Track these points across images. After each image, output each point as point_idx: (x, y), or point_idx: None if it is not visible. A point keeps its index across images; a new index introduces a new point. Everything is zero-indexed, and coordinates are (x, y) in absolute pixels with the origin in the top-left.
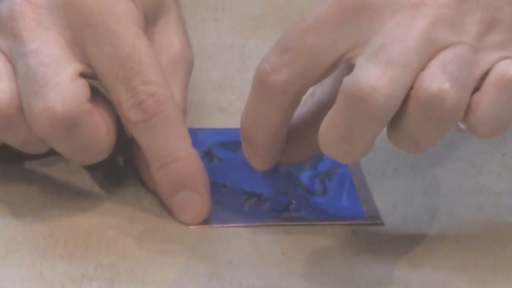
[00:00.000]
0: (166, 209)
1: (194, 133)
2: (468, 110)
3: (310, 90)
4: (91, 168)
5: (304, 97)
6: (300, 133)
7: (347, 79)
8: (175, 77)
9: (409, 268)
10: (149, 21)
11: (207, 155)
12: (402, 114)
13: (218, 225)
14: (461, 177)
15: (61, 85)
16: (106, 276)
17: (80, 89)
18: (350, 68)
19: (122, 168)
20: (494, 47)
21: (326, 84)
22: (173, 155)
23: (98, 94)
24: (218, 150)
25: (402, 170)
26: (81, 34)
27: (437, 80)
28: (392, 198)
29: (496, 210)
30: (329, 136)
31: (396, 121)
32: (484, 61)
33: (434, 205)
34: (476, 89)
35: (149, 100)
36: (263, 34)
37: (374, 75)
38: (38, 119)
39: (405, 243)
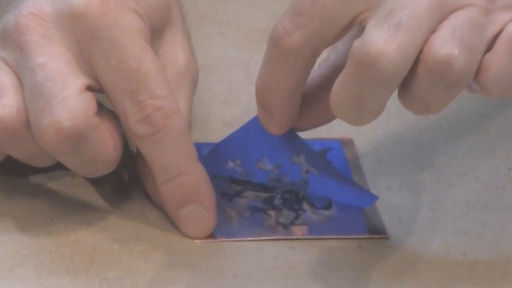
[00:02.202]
0: (171, 223)
1: (199, 148)
2: (479, 71)
3: (325, 55)
4: (97, 182)
5: (319, 61)
6: (314, 97)
7: (356, 43)
8: (181, 91)
9: (415, 282)
10: (155, 34)
11: None
12: (411, 78)
13: (224, 239)
14: (466, 192)
15: (68, 100)
16: None
17: (87, 103)
18: (363, 30)
19: (127, 182)
20: (506, 8)
21: (340, 47)
22: (179, 169)
23: (105, 108)
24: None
25: (407, 185)
26: (87, 48)
27: (446, 45)
28: (397, 212)
29: (501, 224)
30: (340, 99)
31: (406, 84)
32: (496, 23)
33: (439, 220)
34: (488, 49)
35: (155, 114)
36: None
37: (382, 40)
38: (45, 134)
39: (410, 257)
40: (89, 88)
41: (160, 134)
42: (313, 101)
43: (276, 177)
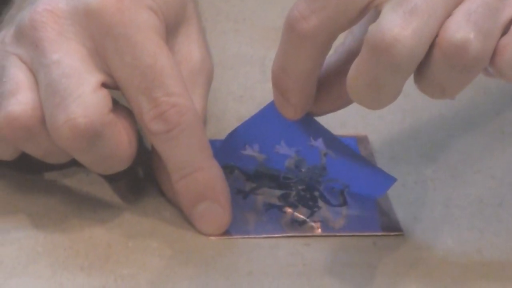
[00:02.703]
0: (186, 220)
1: (214, 144)
2: (495, 54)
3: (341, 39)
4: (112, 179)
5: (335, 46)
6: (331, 82)
7: (371, 28)
8: (196, 87)
9: (429, 280)
10: (170, 31)
11: (228, 167)
12: (427, 62)
13: (239, 236)
14: (481, 189)
15: (83, 97)
16: (126, 287)
17: (102, 100)
18: (378, 14)
19: (142, 179)
20: None
21: (356, 32)
22: (194, 166)
23: (120, 105)
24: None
25: (422, 182)
26: (102, 45)
27: (461, 30)
28: (412, 209)
29: None
30: (356, 83)
31: (421, 68)
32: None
33: (454, 217)
34: (504, 33)
35: (170, 111)
36: None
37: (397, 26)
38: (61, 131)
39: (425, 255)
40: (104, 85)
41: (175, 131)
42: (329, 85)
43: (295, 162)
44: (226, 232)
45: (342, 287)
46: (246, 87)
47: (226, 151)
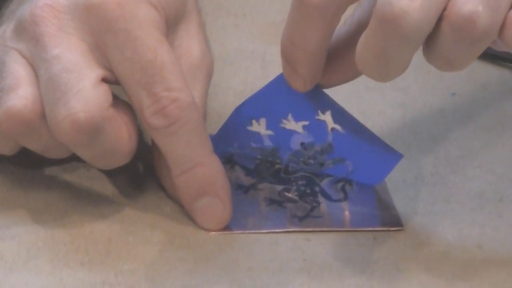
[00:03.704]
0: (187, 215)
1: (214, 139)
2: (503, 27)
3: (350, 11)
4: (112, 175)
5: (344, 18)
6: (340, 54)
7: (380, 0)
8: (196, 83)
9: (430, 275)
10: (170, 26)
11: (228, 161)
12: (435, 35)
13: (239, 232)
14: (482, 184)
15: (84, 92)
16: (127, 282)
17: (102, 95)
18: None
19: (142, 175)
20: None
21: (365, 3)
22: (195, 161)
23: (120, 100)
24: (239, 157)
25: (422, 177)
26: (103, 40)
27: (470, 2)
28: (413, 205)
29: None
30: (364, 56)
31: (430, 41)
32: None
33: (454, 212)
34: None
35: (171, 106)
36: None
37: None
38: (61, 126)
39: (425, 250)
40: (105, 80)
41: (175, 126)
42: (338, 57)
43: (302, 139)
44: (227, 227)
45: (342, 282)
46: (247, 82)
47: (232, 128)
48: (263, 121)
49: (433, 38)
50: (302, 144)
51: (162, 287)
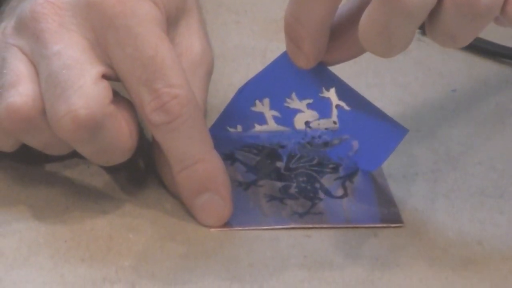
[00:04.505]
0: (187, 211)
1: (218, 122)
2: (506, 3)
3: None
4: (113, 171)
5: None
6: (343, 30)
7: None
8: (196, 79)
9: (431, 271)
10: (171, 23)
11: (229, 158)
12: (438, 11)
13: (240, 228)
14: (483, 181)
15: (84, 88)
16: (127, 279)
17: (103, 91)
18: None
19: (143, 171)
20: None
21: None
22: (195, 158)
23: (121, 96)
24: (240, 154)
25: (423, 174)
26: (103, 36)
27: None
28: (413, 201)
29: None
30: (367, 31)
31: (432, 17)
32: None
33: (455, 208)
34: None
35: (171, 102)
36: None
37: None
38: (61, 122)
39: (426, 246)
40: (105, 77)
41: (176, 123)
42: (342, 34)
43: (307, 118)
44: (227, 224)
45: (343, 279)
46: (247, 79)
47: (235, 109)
48: (266, 101)
49: (436, 14)
50: (306, 123)
51: (162, 284)
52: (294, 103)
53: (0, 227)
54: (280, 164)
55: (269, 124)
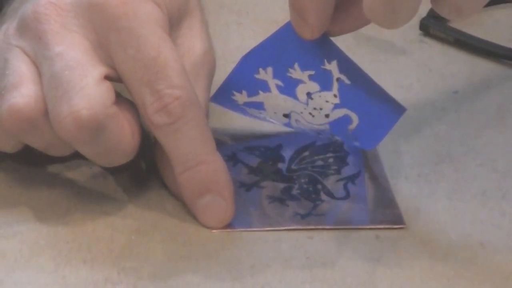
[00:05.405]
0: (189, 213)
1: (223, 88)
2: None
3: None
4: (115, 172)
5: None
6: (348, 1)
7: None
8: (198, 80)
9: (433, 273)
10: (173, 24)
11: (231, 159)
12: None
13: (241, 230)
14: (484, 182)
15: (87, 89)
16: (129, 280)
17: (105, 92)
18: None
19: (145, 172)
20: None
21: None
22: (197, 159)
23: (123, 97)
24: (242, 155)
25: (425, 175)
26: (106, 37)
27: None
28: (415, 202)
29: None
30: (372, 3)
31: None
32: None
33: (457, 210)
34: None
35: (174, 103)
36: None
37: None
38: (64, 123)
39: (428, 248)
40: (107, 78)
41: (178, 124)
42: (347, 4)
43: (308, 89)
44: (229, 225)
45: (345, 280)
46: None
47: (239, 76)
48: (270, 69)
49: None
50: (308, 94)
51: (164, 285)
52: (297, 73)
53: (2, 229)
54: (282, 166)
55: (272, 92)
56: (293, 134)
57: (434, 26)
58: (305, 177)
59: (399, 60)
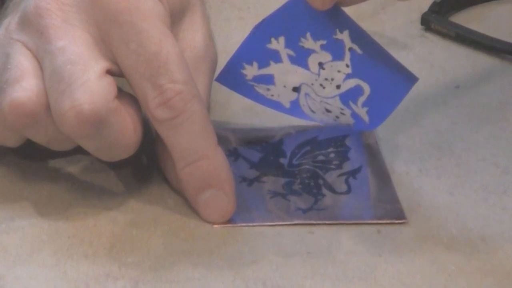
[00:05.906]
0: (190, 208)
1: (235, 59)
2: None
3: None
4: (116, 167)
5: None
6: None
7: None
8: (199, 75)
9: (434, 268)
10: (175, 19)
11: (232, 154)
12: None
13: (243, 225)
14: (486, 177)
15: (88, 83)
16: (130, 275)
17: (107, 87)
18: None
19: (146, 167)
20: None
21: None
22: (199, 154)
23: (125, 92)
24: (243, 150)
25: (426, 170)
26: (107, 32)
27: None
28: (416, 197)
29: None
30: None
31: None
32: None
33: (458, 205)
34: None
35: (175, 98)
36: None
37: None
38: (66, 118)
39: (429, 243)
40: (109, 72)
41: (180, 119)
42: None
43: (320, 59)
44: (230, 220)
45: (346, 275)
46: None
47: (251, 46)
48: (282, 39)
49: None
50: (320, 64)
51: (165, 280)
52: (309, 43)
53: (3, 224)
54: (283, 161)
55: (284, 62)
56: (294, 129)
57: (435, 21)
58: (306, 172)
59: (400, 55)
